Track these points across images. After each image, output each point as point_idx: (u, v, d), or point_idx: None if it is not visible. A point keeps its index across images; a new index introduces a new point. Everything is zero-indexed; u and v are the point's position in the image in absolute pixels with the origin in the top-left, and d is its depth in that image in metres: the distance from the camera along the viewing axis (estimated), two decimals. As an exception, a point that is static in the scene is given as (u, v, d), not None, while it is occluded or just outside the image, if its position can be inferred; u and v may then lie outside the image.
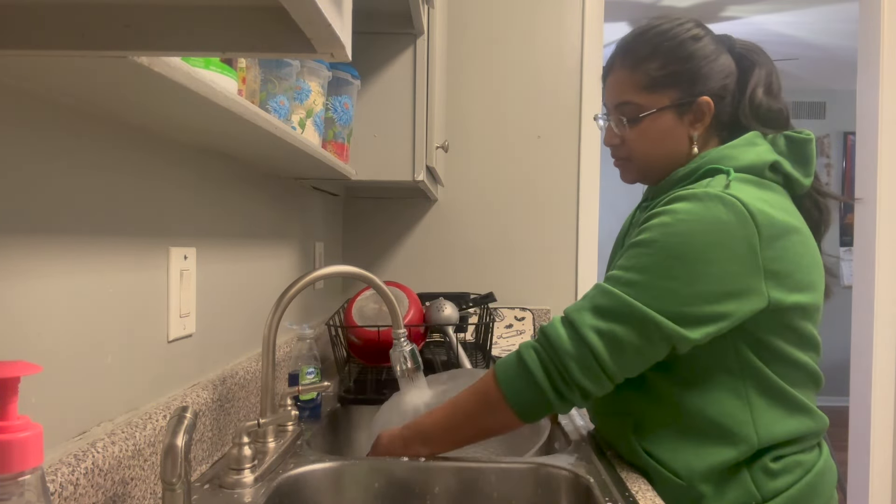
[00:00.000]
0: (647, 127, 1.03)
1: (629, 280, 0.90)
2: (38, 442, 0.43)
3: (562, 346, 0.90)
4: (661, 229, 0.91)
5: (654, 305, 0.87)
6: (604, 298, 0.90)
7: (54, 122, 0.66)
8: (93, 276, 0.73)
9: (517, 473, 1.01)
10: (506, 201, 2.19)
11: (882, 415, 2.30)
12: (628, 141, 1.06)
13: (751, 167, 0.97)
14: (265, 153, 1.06)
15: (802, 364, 0.96)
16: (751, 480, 0.93)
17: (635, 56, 1.03)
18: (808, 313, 0.94)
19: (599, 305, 0.90)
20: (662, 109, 1.02)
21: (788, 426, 0.94)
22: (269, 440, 1.03)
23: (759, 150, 0.99)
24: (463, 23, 2.16)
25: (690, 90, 1.01)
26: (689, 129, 1.03)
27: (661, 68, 1.01)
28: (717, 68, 1.02)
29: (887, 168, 2.30)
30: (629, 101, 1.03)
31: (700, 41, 1.02)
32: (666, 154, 1.05)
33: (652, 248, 0.90)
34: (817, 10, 3.74)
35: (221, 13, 0.44)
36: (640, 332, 0.88)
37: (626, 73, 1.04)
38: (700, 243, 0.88)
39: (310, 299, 1.72)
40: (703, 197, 0.91)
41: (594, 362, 0.89)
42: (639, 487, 0.93)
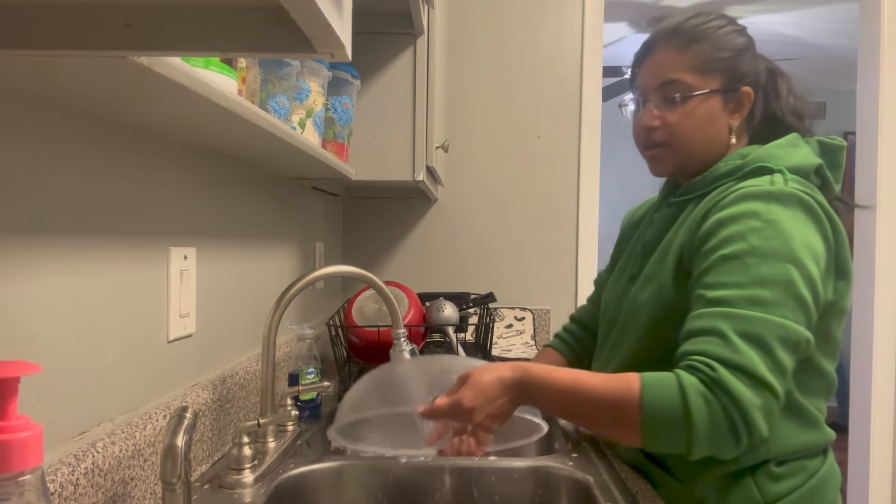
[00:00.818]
0: (693, 109, 1.00)
1: (760, 298, 0.82)
2: (38, 442, 0.43)
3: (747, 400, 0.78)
4: (756, 235, 0.86)
5: (797, 324, 0.82)
6: (753, 326, 0.81)
7: (54, 122, 0.66)
8: (93, 276, 0.73)
9: (517, 473, 1.01)
10: (506, 201, 2.19)
11: (882, 415, 2.30)
12: (670, 123, 1.01)
13: (798, 169, 0.95)
14: (265, 153, 1.06)
15: (825, 372, 0.95)
16: (754, 485, 0.92)
17: (684, 38, 1.01)
18: (841, 317, 0.94)
19: (754, 335, 0.80)
20: (712, 92, 1.00)
21: (799, 440, 0.93)
22: (269, 440, 1.03)
23: (803, 153, 0.97)
24: (463, 23, 2.16)
25: (735, 79, 1.01)
26: (730, 119, 1.02)
27: (712, 52, 1.00)
28: (753, 62, 1.03)
29: (887, 168, 2.30)
30: (678, 80, 1.00)
31: (743, 35, 1.04)
32: (707, 141, 1.02)
33: (758, 255, 0.84)
34: (817, 10, 3.74)
35: (221, 13, 0.44)
36: (794, 352, 0.82)
37: (675, 52, 1.01)
38: (800, 246, 0.85)
39: (310, 299, 1.72)
40: (779, 196, 0.88)
41: (776, 405, 0.80)
42: (639, 487, 0.93)
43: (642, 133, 1.05)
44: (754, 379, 0.78)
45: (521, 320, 2.15)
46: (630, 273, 1.09)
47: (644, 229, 1.13)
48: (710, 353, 0.80)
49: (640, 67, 1.05)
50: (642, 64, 1.05)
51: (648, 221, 1.13)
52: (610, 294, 1.14)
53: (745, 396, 0.77)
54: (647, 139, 1.04)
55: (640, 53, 1.06)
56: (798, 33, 4.09)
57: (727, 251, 0.86)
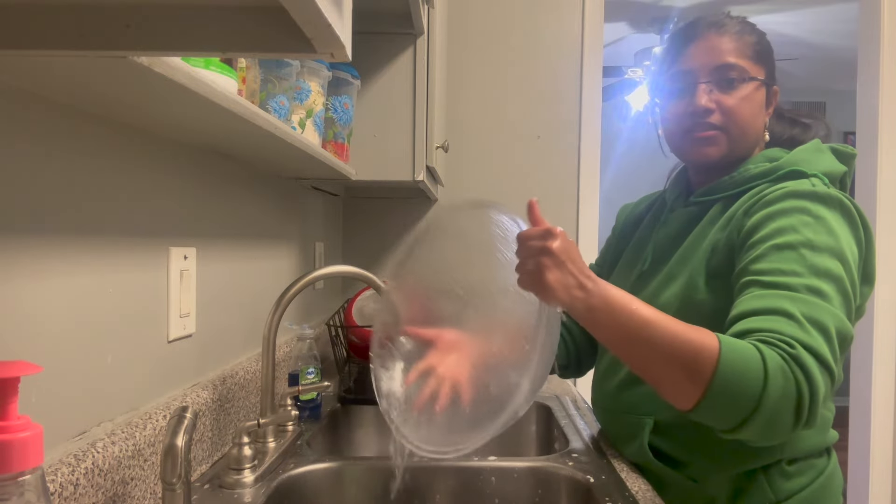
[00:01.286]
0: (749, 94, 0.98)
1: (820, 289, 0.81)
2: (38, 442, 0.43)
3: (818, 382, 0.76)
4: (809, 229, 0.85)
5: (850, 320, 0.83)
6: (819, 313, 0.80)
7: (54, 122, 0.66)
8: (93, 276, 0.73)
9: (517, 473, 1.01)
10: (506, 201, 2.17)
11: (882, 415, 2.30)
12: (728, 107, 0.97)
13: (828, 174, 0.96)
14: (265, 153, 1.06)
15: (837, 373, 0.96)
16: (766, 483, 0.93)
17: (734, 28, 1.00)
18: (858, 320, 0.94)
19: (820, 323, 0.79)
20: (763, 82, 1.00)
21: (811, 441, 0.95)
22: (269, 440, 1.03)
23: (829, 160, 0.98)
24: (463, 23, 2.16)
25: (772, 76, 1.03)
26: (765, 114, 1.03)
27: (759, 45, 1.00)
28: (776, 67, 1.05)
29: (887, 168, 2.30)
30: (737, 65, 0.97)
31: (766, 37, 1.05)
32: (755, 130, 1.01)
33: (813, 248, 0.84)
34: (817, 10, 3.74)
35: (221, 13, 0.44)
36: (843, 346, 0.81)
37: (731, 38, 0.98)
38: (846, 247, 0.86)
39: (310, 299, 1.72)
40: (824, 198, 0.89)
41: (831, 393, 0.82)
42: (639, 488, 0.93)
43: (695, 115, 0.99)
44: (824, 364, 0.77)
45: (521, 320, 2.15)
46: (639, 271, 1.07)
47: (654, 228, 1.11)
48: (784, 331, 0.77)
49: (685, 51, 1.00)
50: (689, 47, 1.00)
51: (659, 221, 1.10)
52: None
53: (819, 380, 0.75)
54: (700, 122, 0.99)
55: (683, 38, 1.01)
56: (798, 33, 4.09)
57: (781, 241, 0.85)
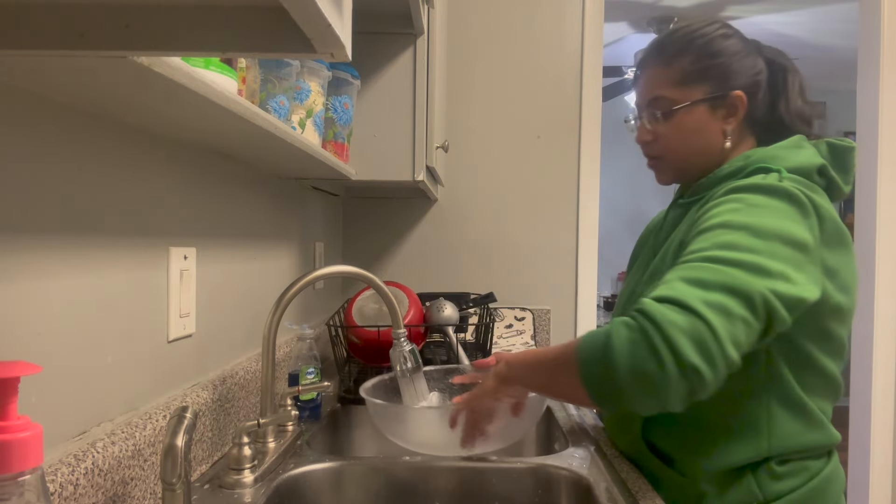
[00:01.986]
0: (680, 121, 1.04)
1: (716, 256, 0.81)
2: (38, 442, 0.43)
3: (666, 317, 0.75)
4: (732, 213, 0.87)
5: (753, 279, 0.79)
6: (698, 272, 0.80)
7: (54, 122, 0.66)
8: (93, 276, 0.73)
9: (517, 473, 1.01)
10: (506, 201, 2.19)
11: (882, 415, 2.30)
12: (661, 137, 1.06)
13: (800, 169, 0.95)
14: (265, 153, 1.06)
15: (829, 373, 0.95)
16: (754, 482, 0.92)
17: (667, 52, 1.05)
18: (844, 318, 0.93)
19: (696, 278, 0.79)
20: (695, 103, 1.03)
21: (802, 440, 0.93)
22: (269, 440, 1.03)
23: (807, 153, 0.98)
24: (463, 23, 2.16)
25: (723, 85, 1.02)
26: (723, 124, 1.04)
27: (693, 63, 1.03)
28: (748, 65, 1.03)
29: (887, 168, 2.30)
30: (662, 96, 1.04)
31: (729, 39, 1.04)
32: (699, 149, 1.05)
33: (728, 227, 0.85)
34: (817, 10, 3.74)
35: (221, 13, 0.44)
36: (748, 306, 0.77)
37: (659, 69, 1.05)
38: (774, 226, 0.85)
39: (310, 299, 1.72)
40: (765, 188, 0.90)
41: (709, 335, 0.74)
42: (639, 487, 0.93)
43: (641, 147, 1.11)
44: (682, 306, 0.76)
45: (521, 320, 2.15)
46: (641, 274, 1.11)
47: (658, 231, 1.15)
48: (648, 295, 0.80)
49: (636, 85, 1.11)
50: (636, 82, 1.10)
51: (661, 225, 1.15)
52: (624, 293, 1.15)
53: (666, 316, 0.75)
54: (645, 152, 1.10)
55: (636, 71, 1.11)
56: (798, 33, 4.09)
57: (701, 227, 0.89)
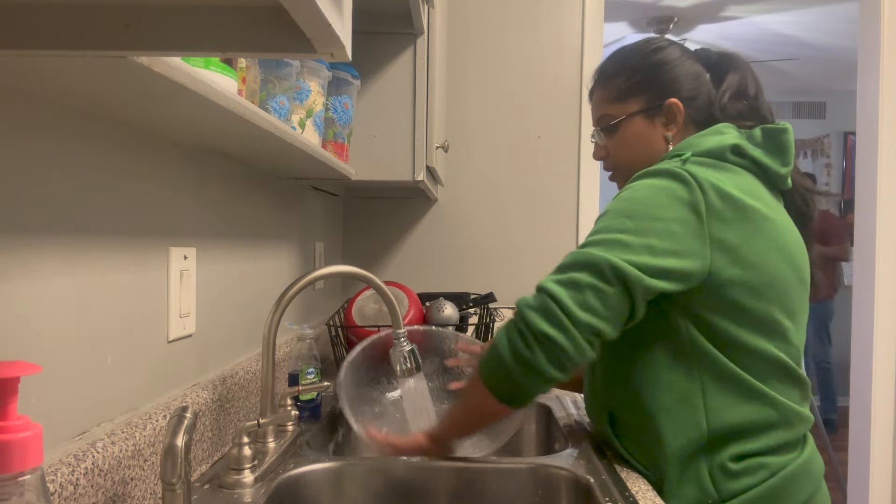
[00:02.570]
0: (622, 134, 1.11)
1: (584, 242, 0.94)
2: (38, 442, 0.43)
3: (524, 302, 0.91)
4: (615, 201, 0.97)
5: (606, 252, 0.89)
6: (563, 260, 0.93)
7: (54, 122, 0.66)
8: (93, 276, 0.73)
9: (517, 474, 1.01)
10: (506, 201, 2.19)
11: (882, 415, 2.30)
12: (611, 151, 1.14)
13: (710, 151, 0.99)
14: (265, 153, 1.06)
15: (762, 351, 0.93)
16: (709, 479, 0.92)
17: (606, 74, 1.14)
18: (757, 292, 0.92)
19: (559, 265, 0.93)
20: (631, 115, 1.10)
21: (741, 412, 0.92)
22: (269, 440, 1.03)
23: (723, 137, 1.01)
24: (463, 23, 2.16)
25: (658, 94, 1.09)
26: (664, 131, 1.09)
27: (627, 79, 1.11)
28: (683, 72, 1.09)
29: (887, 168, 2.30)
30: (604, 114, 1.13)
31: (662, 51, 1.10)
32: (643, 157, 1.10)
33: (607, 213, 0.95)
34: (817, 10, 3.74)
35: (221, 13, 0.44)
36: (595, 273, 0.88)
37: (600, 90, 1.15)
38: (648, 205, 0.93)
39: (310, 299, 1.72)
40: (654, 172, 0.97)
41: (554, 305, 0.87)
42: (639, 488, 0.93)
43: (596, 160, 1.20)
44: (537, 290, 0.91)
45: (521, 320, 2.15)
46: None
47: None
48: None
49: (590, 105, 1.20)
50: (590, 104, 1.20)
51: None
52: None
53: (523, 301, 0.91)
54: (603, 167, 1.20)
55: (589, 94, 1.20)
56: (798, 33, 4.09)
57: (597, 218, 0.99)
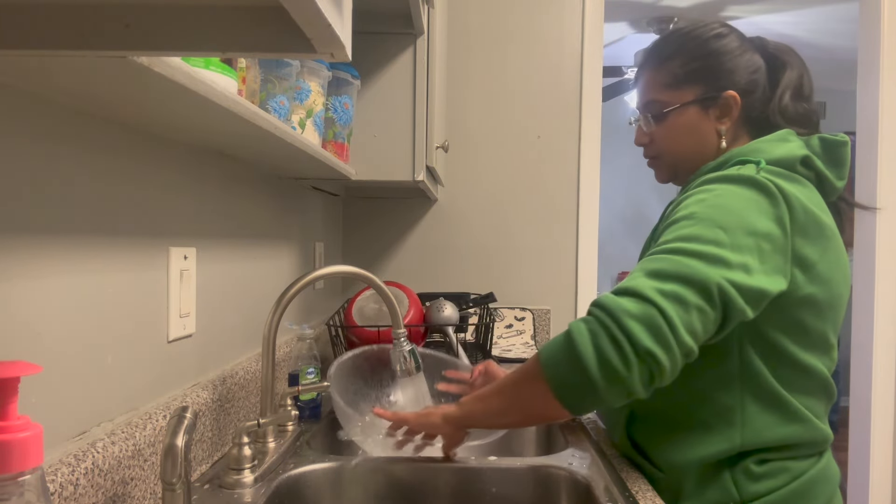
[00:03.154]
0: (672, 123, 1.06)
1: (678, 248, 0.83)
2: (38, 442, 0.43)
3: (620, 306, 0.77)
4: (699, 205, 0.88)
5: (711, 270, 0.81)
6: (658, 263, 0.82)
7: (54, 123, 0.66)
8: (93, 276, 0.73)
9: (517, 473, 1.01)
10: (506, 201, 2.19)
11: (882, 415, 2.30)
12: (656, 139, 1.08)
13: (781, 160, 0.94)
14: (265, 153, 1.06)
15: (810, 368, 0.92)
16: (731, 481, 0.91)
17: (659, 56, 1.07)
18: (820, 311, 0.91)
19: (655, 269, 0.81)
20: (686, 105, 1.04)
21: (777, 434, 0.92)
22: (269, 440, 1.03)
23: (791, 146, 0.97)
24: (463, 23, 2.16)
25: (715, 85, 1.03)
26: (717, 124, 1.04)
27: (684, 65, 1.04)
28: (743, 63, 1.03)
29: (887, 168, 2.30)
30: (654, 100, 1.07)
31: (723, 38, 1.04)
32: (693, 149, 1.05)
33: (693, 219, 0.87)
34: (817, 10, 3.74)
35: (221, 13, 0.44)
36: (703, 294, 0.79)
37: (652, 73, 1.07)
38: (739, 216, 0.86)
39: (310, 299, 1.72)
40: (735, 178, 0.91)
41: (663, 322, 0.76)
42: (639, 488, 0.93)
43: (638, 145, 1.13)
44: (635, 295, 0.78)
45: (521, 320, 2.15)
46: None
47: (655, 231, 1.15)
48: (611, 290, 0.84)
49: (634, 86, 1.14)
50: (635, 85, 1.13)
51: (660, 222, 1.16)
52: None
53: (621, 305, 0.77)
54: (644, 153, 1.13)
55: (635, 75, 1.13)
56: (798, 33, 4.09)
57: (669, 220, 0.90)
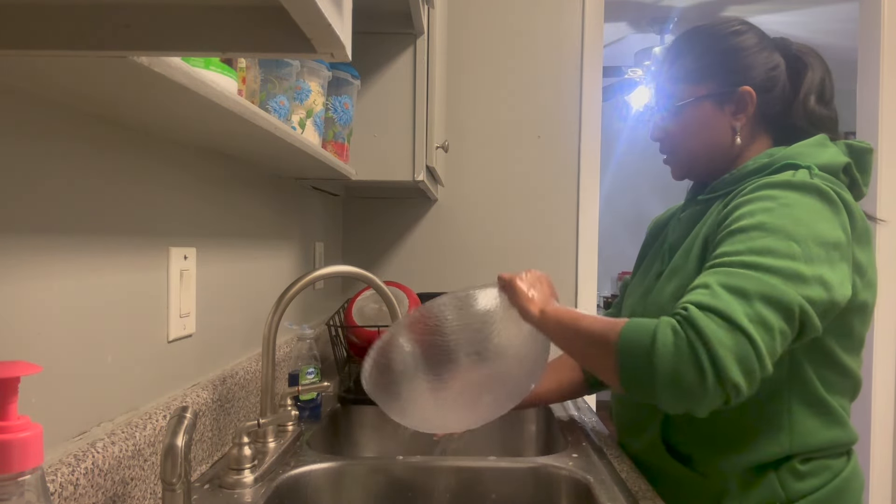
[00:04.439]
0: (687, 117, 1.04)
1: (754, 263, 0.81)
2: (38, 442, 0.43)
3: (716, 335, 0.75)
4: (766, 214, 0.86)
5: (792, 289, 0.79)
6: (738, 280, 0.79)
7: (54, 122, 0.66)
8: (93, 276, 0.73)
9: (517, 473, 1.01)
10: (506, 201, 2.19)
11: (882, 415, 2.30)
12: (671, 134, 1.07)
13: (827, 166, 0.94)
14: (265, 153, 1.06)
15: (849, 371, 0.94)
16: (777, 481, 0.92)
17: (677, 52, 1.07)
18: (867, 315, 0.94)
19: (737, 287, 0.79)
20: (700, 99, 1.03)
21: (823, 437, 0.93)
22: (269, 440, 1.03)
23: (832, 152, 0.96)
24: (463, 23, 2.16)
25: (730, 80, 1.01)
26: (732, 120, 1.03)
27: (698, 60, 1.03)
28: (760, 60, 1.02)
29: (887, 168, 2.30)
30: (670, 94, 1.06)
31: (741, 35, 1.03)
32: (708, 145, 1.04)
33: (764, 230, 0.84)
34: (817, 10, 3.74)
35: (221, 13, 0.43)
36: (786, 317, 0.78)
37: (668, 68, 1.07)
38: (809, 227, 0.84)
39: (310, 299, 1.72)
40: (798, 185, 0.88)
41: (752, 352, 0.75)
42: (639, 488, 0.93)
43: (653, 140, 1.11)
44: (729, 322, 0.76)
45: (521, 320, 2.15)
46: (657, 271, 1.08)
47: (671, 230, 1.13)
48: (691, 300, 0.80)
49: (652, 81, 1.13)
50: (653, 80, 1.12)
51: (676, 223, 1.13)
52: (634, 292, 1.13)
53: (715, 333, 0.75)
54: (660, 149, 1.11)
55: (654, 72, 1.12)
56: (798, 33, 4.09)
57: (735, 226, 0.87)
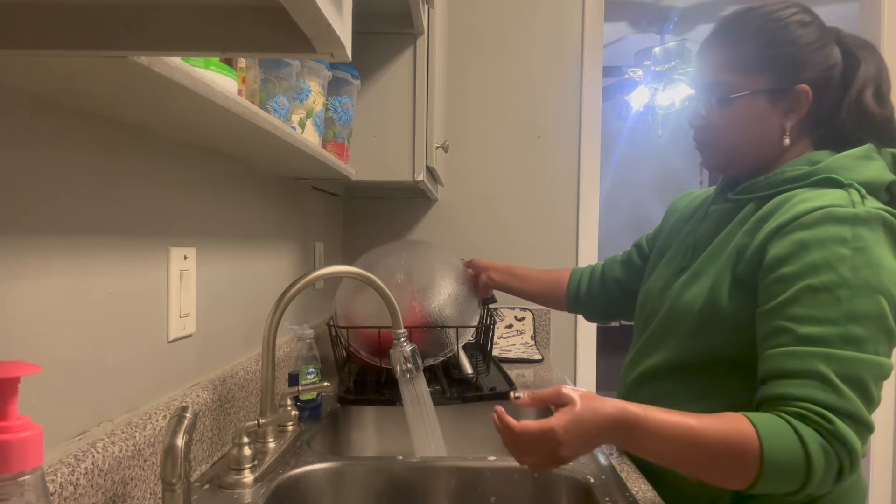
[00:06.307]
0: (736, 110, 0.97)
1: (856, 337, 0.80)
2: (38, 442, 0.43)
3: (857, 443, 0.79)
4: (846, 265, 0.82)
5: (887, 352, 0.81)
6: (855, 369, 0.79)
7: (54, 123, 0.66)
8: (93, 276, 0.73)
9: (517, 473, 1.01)
10: (506, 201, 2.19)
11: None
12: (715, 124, 0.99)
13: (869, 184, 0.89)
14: (265, 153, 1.06)
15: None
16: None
17: (734, 35, 0.97)
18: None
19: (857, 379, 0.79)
20: (756, 93, 0.95)
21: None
22: (269, 440, 1.03)
23: (877, 167, 0.92)
24: (463, 23, 2.16)
25: (789, 77, 0.95)
26: (783, 119, 0.96)
27: (760, 49, 0.95)
28: (821, 57, 0.96)
29: (887, 168, 2.30)
30: (721, 81, 0.97)
31: (806, 27, 0.97)
32: (754, 143, 0.98)
33: (850, 288, 0.81)
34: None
35: (221, 13, 0.44)
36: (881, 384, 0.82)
37: (723, 51, 0.98)
38: (889, 275, 0.82)
39: (310, 299, 1.72)
40: (866, 219, 0.84)
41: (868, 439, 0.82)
42: (639, 488, 0.93)
43: (692, 126, 1.03)
44: (860, 424, 0.79)
45: (521, 320, 2.15)
46: (678, 266, 1.05)
47: (697, 223, 1.08)
48: (819, 401, 0.79)
49: (698, 62, 1.01)
50: (699, 58, 1.01)
51: (703, 215, 1.08)
52: (653, 284, 1.10)
53: (857, 445, 0.78)
54: (695, 135, 1.03)
55: (700, 48, 1.01)
56: (798, 33, 4.08)
57: (815, 282, 0.82)
